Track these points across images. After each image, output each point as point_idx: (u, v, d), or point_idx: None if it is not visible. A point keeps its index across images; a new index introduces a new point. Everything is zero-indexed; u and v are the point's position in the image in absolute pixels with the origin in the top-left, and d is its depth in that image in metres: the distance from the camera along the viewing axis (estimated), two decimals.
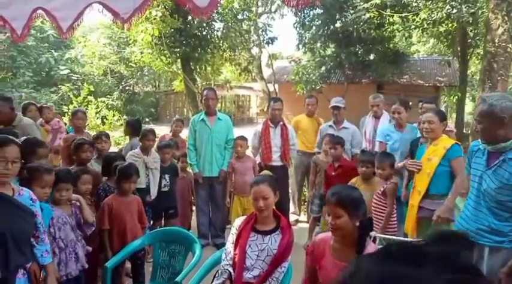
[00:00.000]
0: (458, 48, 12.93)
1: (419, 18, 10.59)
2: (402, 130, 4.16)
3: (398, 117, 4.12)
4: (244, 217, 2.51)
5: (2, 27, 2.46)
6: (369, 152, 4.11)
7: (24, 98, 14.67)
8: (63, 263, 2.60)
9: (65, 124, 6.15)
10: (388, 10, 10.64)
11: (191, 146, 4.57)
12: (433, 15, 10.06)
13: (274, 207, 2.42)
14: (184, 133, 5.50)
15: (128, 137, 5.05)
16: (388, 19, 11.60)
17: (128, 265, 3.38)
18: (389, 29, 12.61)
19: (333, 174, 4.06)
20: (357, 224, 1.88)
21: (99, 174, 3.54)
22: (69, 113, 7.98)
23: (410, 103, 4.45)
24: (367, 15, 10.36)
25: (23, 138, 2.92)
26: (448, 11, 9.55)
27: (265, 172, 3.56)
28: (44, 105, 5.56)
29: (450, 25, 11.30)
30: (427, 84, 13.91)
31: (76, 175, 2.97)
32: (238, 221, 2.50)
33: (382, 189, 3.45)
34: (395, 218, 3.43)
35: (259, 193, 2.32)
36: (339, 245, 1.95)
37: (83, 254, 2.77)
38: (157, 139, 5.10)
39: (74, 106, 11.06)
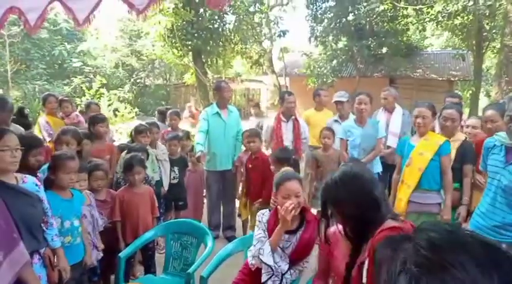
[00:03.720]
0: (473, 42, 12.68)
1: (434, 11, 10.42)
2: (363, 125, 4.09)
3: (364, 108, 4.01)
4: (267, 211, 2.34)
5: (16, 19, 2.49)
6: (289, 149, 4.00)
7: (37, 90, 14.86)
8: None
9: None
10: (402, 2, 10.47)
11: (202, 132, 4.41)
12: (448, 8, 9.88)
13: None
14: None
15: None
16: (402, 12, 11.43)
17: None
18: (402, 22, 12.43)
19: (250, 166, 4.05)
20: None
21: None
22: (82, 105, 8.05)
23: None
24: (381, 7, 10.20)
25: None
26: (464, 3, 9.37)
27: (287, 168, 3.51)
28: (64, 98, 5.47)
29: (466, 18, 11.09)
30: (440, 78, 13.66)
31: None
32: (264, 217, 2.30)
33: None
34: None
35: (292, 190, 2.12)
36: None
37: (99, 244, 2.85)
38: None
39: (87, 99, 11.14)
